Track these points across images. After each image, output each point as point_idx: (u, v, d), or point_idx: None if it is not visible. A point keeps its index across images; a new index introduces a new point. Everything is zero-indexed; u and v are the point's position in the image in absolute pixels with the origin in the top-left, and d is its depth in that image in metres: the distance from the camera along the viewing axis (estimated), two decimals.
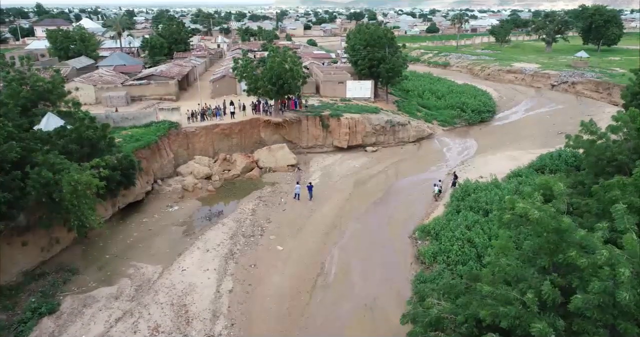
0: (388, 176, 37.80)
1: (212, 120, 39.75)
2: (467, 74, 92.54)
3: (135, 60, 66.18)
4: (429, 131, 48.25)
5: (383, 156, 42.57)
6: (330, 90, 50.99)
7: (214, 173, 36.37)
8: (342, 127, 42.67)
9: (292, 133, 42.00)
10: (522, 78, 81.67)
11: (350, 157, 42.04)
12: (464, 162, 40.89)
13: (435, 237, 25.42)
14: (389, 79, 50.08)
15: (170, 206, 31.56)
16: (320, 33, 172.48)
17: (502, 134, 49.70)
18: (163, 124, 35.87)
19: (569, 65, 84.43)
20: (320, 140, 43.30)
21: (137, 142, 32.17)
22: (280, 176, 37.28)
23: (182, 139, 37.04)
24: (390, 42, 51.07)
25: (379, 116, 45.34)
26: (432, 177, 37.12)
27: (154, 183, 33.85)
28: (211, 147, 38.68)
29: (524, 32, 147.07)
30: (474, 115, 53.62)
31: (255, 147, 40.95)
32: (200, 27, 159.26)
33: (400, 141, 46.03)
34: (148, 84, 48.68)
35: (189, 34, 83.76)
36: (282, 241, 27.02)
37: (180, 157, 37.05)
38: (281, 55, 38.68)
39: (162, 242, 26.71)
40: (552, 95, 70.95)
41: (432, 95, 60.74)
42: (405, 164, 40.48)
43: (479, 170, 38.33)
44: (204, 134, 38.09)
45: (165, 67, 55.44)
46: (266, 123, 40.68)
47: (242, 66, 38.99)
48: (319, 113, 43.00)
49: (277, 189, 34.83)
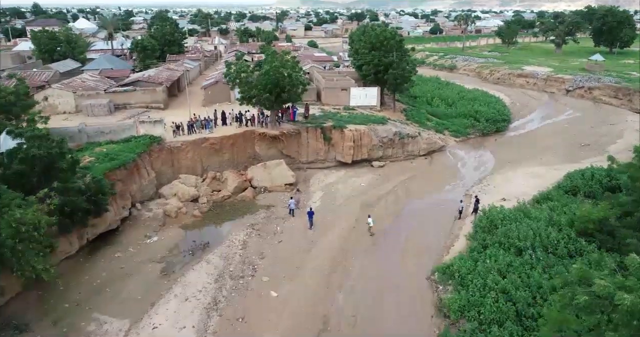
0: (398, 197, 33.54)
1: (200, 133, 35.49)
2: (475, 77, 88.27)
3: (125, 64, 61.94)
4: (441, 143, 43.99)
5: (391, 172, 38.30)
6: (333, 97, 46.75)
7: (202, 194, 32.13)
8: (345, 141, 38.43)
9: (290, 147, 37.76)
10: (534, 82, 77.40)
11: (355, 174, 37.79)
12: (482, 180, 36.62)
13: (461, 283, 21.16)
14: (397, 86, 45.83)
15: (148, 236, 27.30)
16: (322, 34, 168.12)
17: (520, 146, 45.44)
18: (144, 139, 31.62)
19: (583, 68, 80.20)
20: (321, 155, 39.06)
21: (111, 162, 27.92)
22: (277, 198, 33.03)
23: (166, 155, 32.81)
24: (398, 46, 46.82)
25: (386, 127, 41.09)
26: (448, 199, 32.88)
27: (132, 207, 29.63)
28: (199, 164, 34.45)
29: (530, 34, 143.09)
30: (489, 124, 49.36)
31: (250, 163, 36.71)
32: (198, 27, 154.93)
33: (410, 155, 41.77)
34: (133, 91, 44.43)
35: (183, 35, 79.41)
36: (276, 284, 22.77)
37: (163, 176, 32.82)
38: (279, 59, 34.47)
39: (135, 286, 22.46)
40: (567, 101, 66.72)
41: (442, 102, 56.47)
42: (417, 183, 36.21)
43: (500, 190, 34.14)
44: (191, 149, 33.86)
45: (153, 71, 51.20)
46: (261, 136, 36.45)
47: (235, 72, 34.77)
48: (320, 124, 38.76)
49: (272, 213, 30.57)
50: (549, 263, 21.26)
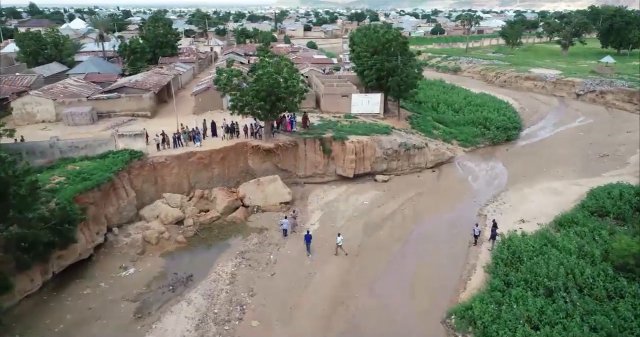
0: (405, 218, 30.37)
1: (187, 146, 32.30)
2: (479, 80, 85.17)
3: (114, 67, 58.74)
4: (449, 154, 40.80)
5: (397, 188, 35.13)
6: (333, 104, 43.58)
7: (187, 216, 28.94)
8: (347, 153, 35.26)
9: (286, 160, 34.59)
10: (542, 86, 74.32)
11: (357, 190, 34.62)
12: (497, 197, 33.45)
13: (484, 333, 17.98)
14: (402, 93, 42.63)
15: (124, 267, 24.12)
16: (321, 34, 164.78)
17: (534, 157, 42.28)
18: (123, 155, 28.42)
19: (593, 71, 77.11)
20: (320, 168, 35.90)
21: (83, 183, 24.71)
22: (271, 218, 29.86)
23: (148, 172, 29.62)
24: (402, 49, 43.63)
25: (390, 138, 37.92)
26: (460, 220, 29.74)
27: (108, 232, 26.46)
28: (186, 180, 31.27)
29: (534, 34, 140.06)
30: (499, 133, 46.16)
31: (242, 178, 33.54)
32: (195, 28, 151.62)
33: (416, 167, 38.61)
34: (118, 98, 41.25)
35: (176, 36, 76.15)
36: (268, 330, 19.61)
37: (145, 195, 29.64)
38: (274, 65, 31.29)
39: (102, 333, 19.30)
40: (578, 106, 63.63)
41: (448, 108, 53.30)
42: (425, 200, 33.04)
43: (517, 210, 31.03)
44: (176, 164, 30.67)
45: (141, 76, 48.01)
46: (255, 149, 33.27)
47: (225, 79, 31.59)
48: (319, 135, 35.58)
49: (265, 238, 27.39)
50: (588, 309, 18.10)
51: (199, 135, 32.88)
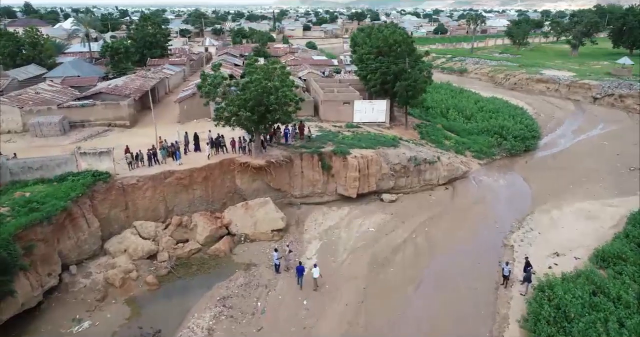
0: (418, 250, 25.95)
1: (166, 163, 27.89)
2: (488, 82, 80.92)
3: (96, 70, 54.29)
4: (464, 168, 36.38)
5: (406, 210, 30.73)
6: (333, 112, 39.17)
7: (162, 249, 24.55)
8: (349, 170, 30.86)
9: (280, 179, 30.20)
10: (555, 88, 69.96)
11: (361, 213, 30.22)
12: (522, 222, 29.04)
13: None
14: (410, 99, 38.21)
15: (78, 319, 19.72)
16: (321, 34, 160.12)
17: (557, 171, 37.86)
18: (84, 177, 24.00)
19: (609, 73, 72.62)
20: (319, 187, 31.51)
21: (30, 215, 20.30)
22: (260, 250, 25.46)
23: (116, 196, 25.20)
24: (409, 50, 39.24)
25: (398, 151, 33.53)
26: (483, 252, 25.36)
27: (65, 271, 22.09)
28: (162, 204, 26.85)
29: (540, 34, 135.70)
30: (517, 143, 41.73)
31: (229, 200, 29.17)
32: (191, 27, 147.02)
33: (427, 184, 34.22)
34: (92, 106, 36.87)
35: (167, 36, 71.71)
36: None
37: (113, 223, 25.24)
38: (264, 69, 26.87)
39: None
40: (597, 111, 59.21)
41: (458, 114, 48.87)
42: (440, 226, 28.63)
43: (548, 239, 26.65)
44: (150, 186, 26.25)
45: (122, 80, 43.61)
46: (243, 166, 28.87)
47: (208, 85, 27.16)
48: (317, 149, 31.18)
49: (252, 278, 22.97)
50: None
51: (178, 151, 28.43)
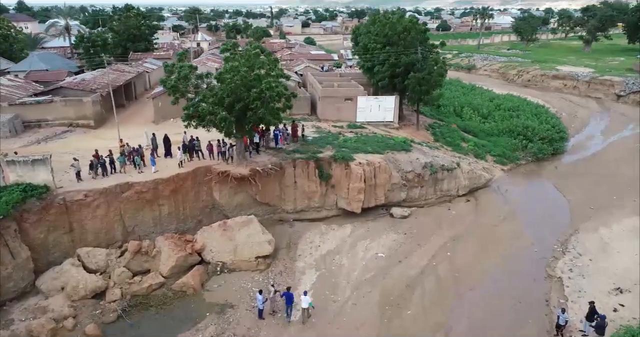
0: (441, 283, 20.48)
1: (124, 173, 22.46)
2: (498, 79, 75.60)
3: (69, 64, 48.86)
4: (487, 176, 30.91)
5: (422, 228, 25.26)
6: (333, 110, 33.71)
7: (114, 284, 19.08)
8: (353, 179, 25.38)
9: (268, 191, 24.73)
10: (573, 85, 64.58)
11: (367, 232, 24.75)
12: (566, 244, 23.60)
13: None
14: (422, 95, 32.73)
15: None
16: (320, 31, 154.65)
17: (594, 178, 32.45)
18: (10, 194, 18.54)
19: (630, 69, 67.21)
20: (316, 200, 26.03)
21: None
22: (240, 285, 19.97)
23: (56, 216, 19.72)
24: (422, 39, 33.84)
25: (411, 156, 28.08)
26: (522, 288, 19.93)
27: None
28: (118, 225, 21.37)
29: (548, 30, 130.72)
30: (544, 146, 36.29)
31: (206, 218, 23.72)
32: (185, 24, 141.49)
33: (445, 195, 28.78)
34: (50, 103, 31.41)
35: (152, 28, 66.27)
36: None
37: (52, 251, 19.77)
38: (244, 57, 21.45)
39: None
40: (623, 110, 53.88)
41: (474, 112, 43.41)
42: (465, 250, 23.17)
43: (603, 268, 21.26)
44: (102, 202, 20.77)
45: (92, 74, 38.16)
46: (222, 176, 23.39)
47: (175, 79, 21.72)
48: (314, 155, 25.72)
49: (227, 325, 17.46)
50: None
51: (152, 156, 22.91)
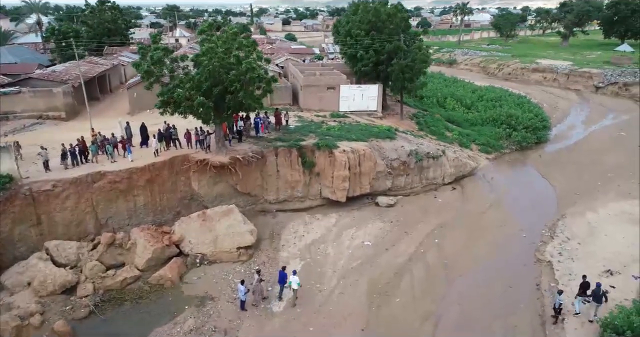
0: (430, 270, 19.87)
1: (96, 163, 21.27)
2: (479, 73, 76.00)
3: (40, 57, 47.00)
4: (472, 164, 30.52)
5: (408, 217, 24.66)
6: (315, 100, 32.92)
7: (85, 279, 17.92)
8: (337, 168, 24.63)
9: (249, 180, 23.80)
10: (553, 78, 65.16)
11: (352, 221, 24.02)
12: (554, 229, 23.28)
13: None
14: (406, 83, 32.17)
15: None
16: (301, 28, 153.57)
17: (578, 166, 32.40)
18: None
19: (608, 61, 68.20)
20: (299, 190, 25.19)
21: None
22: (221, 277, 19.01)
23: (21, 208, 18.45)
24: (405, 27, 33.32)
25: (396, 144, 27.48)
26: (513, 273, 19.48)
27: None
28: (91, 217, 20.18)
29: (526, 27, 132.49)
30: (528, 134, 36.17)
31: (184, 209, 22.67)
32: (163, 21, 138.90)
33: (431, 184, 28.25)
34: (17, 93, 29.87)
35: (128, 23, 64.50)
36: None
37: (18, 245, 18.51)
38: (221, 38, 20.55)
39: None
40: (602, 101, 54.52)
41: (457, 103, 43.14)
42: (453, 237, 22.63)
43: (592, 251, 20.99)
44: (73, 193, 19.57)
45: (63, 66, 36.62)
46: (200, 165, 22.37)
47: (148, 63, 20.60)
48: (296, 143, 24.88)
49: (207, 319, 16.51)
50: None
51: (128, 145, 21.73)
